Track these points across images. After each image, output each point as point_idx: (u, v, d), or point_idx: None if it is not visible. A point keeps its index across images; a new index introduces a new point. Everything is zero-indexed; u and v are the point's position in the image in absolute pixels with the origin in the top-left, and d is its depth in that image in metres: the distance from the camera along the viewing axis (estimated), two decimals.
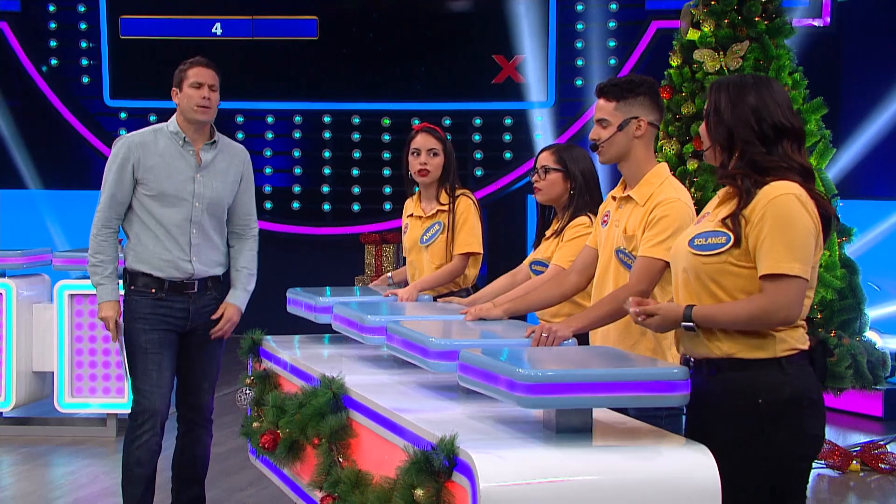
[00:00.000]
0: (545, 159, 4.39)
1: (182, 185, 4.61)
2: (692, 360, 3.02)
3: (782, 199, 2.89)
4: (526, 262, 4.47)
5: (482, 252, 4.86)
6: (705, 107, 3.10)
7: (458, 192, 4.88)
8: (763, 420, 2.90)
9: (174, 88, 4.69)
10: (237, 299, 4.76)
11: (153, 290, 4.62)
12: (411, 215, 4.98)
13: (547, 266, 4.26)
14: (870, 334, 7.56)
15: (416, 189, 5.00)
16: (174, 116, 4.74)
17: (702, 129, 3.11)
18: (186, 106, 4.64)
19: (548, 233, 4.41)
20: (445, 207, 4.85)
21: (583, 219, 4.24)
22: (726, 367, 2.93)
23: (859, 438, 7.01)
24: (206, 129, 4.71)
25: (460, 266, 4.79)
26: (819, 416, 3.00)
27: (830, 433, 7.14)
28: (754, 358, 2.93)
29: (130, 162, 4.61)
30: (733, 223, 2.93)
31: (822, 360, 3.02)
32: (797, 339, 2.96)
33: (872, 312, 7.77)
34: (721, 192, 3.08)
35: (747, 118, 2.99)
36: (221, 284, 4.77)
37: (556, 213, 4.42)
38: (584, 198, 4.30)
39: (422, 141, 4.87)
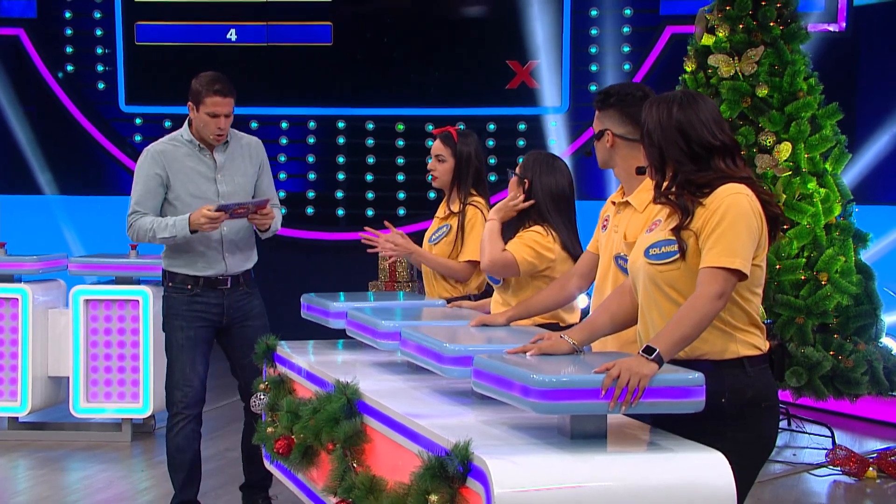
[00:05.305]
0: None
1: (206, 187, 4.96)
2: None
3: (732, 198, 3.01)
4: None
5: None
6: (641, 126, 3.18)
7: (471, 199, 4.95)
8: (725, 419, 3.01)
9: (191, 103, 4.94)
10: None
11: (189, 287, 4.98)
12: (437, 215, 5.14)
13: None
14: (886, 340, 7.51)
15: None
16: (186, 124, 5.02)
17: (642, 147, 3.20)
18: (203, 130, 4.96)
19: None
20: (457, 212, 4.96)
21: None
22: (694, 366, 2.95)
23: (876, 445, 6.98)
24: None
25: (462, 272, 4.87)
26: (775, 420, 3.18)
27: (847, 439, 7.10)
28: (721, 359, 3.04)
29: (157, 170, 4.93)
30: (677, 237, 3.04)
31: (780, 363, 3.14)
32: (758, 342, 3.08)
33: (889, 318, 7.73)
34: None
35: (675, 138, 3.09)
36: (252, 280, 5.09)
37: None
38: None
39: (434, 146, 5.07)
